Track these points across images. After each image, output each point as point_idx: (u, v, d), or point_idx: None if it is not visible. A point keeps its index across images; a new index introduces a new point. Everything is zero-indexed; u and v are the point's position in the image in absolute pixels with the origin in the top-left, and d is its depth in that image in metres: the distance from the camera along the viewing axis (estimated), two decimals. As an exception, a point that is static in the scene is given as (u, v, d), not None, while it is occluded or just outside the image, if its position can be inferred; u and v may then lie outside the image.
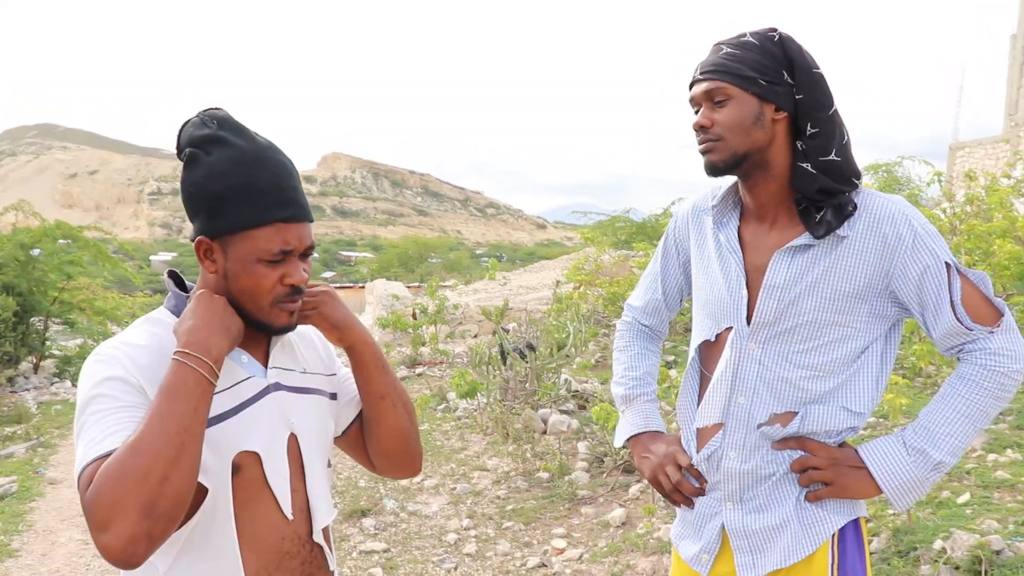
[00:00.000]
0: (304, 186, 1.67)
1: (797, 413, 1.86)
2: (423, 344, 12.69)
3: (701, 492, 2.01)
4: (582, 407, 7.83)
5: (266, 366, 1.66)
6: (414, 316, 13.92)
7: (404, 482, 6.67)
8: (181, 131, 1.60)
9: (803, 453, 1.87)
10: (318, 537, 1.68)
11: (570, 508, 5.72)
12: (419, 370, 11.62)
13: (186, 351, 1.45)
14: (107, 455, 1.37)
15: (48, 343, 14.92)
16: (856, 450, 1.87)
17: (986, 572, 3.52)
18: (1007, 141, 24.44)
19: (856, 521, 1.90)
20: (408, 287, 21.82)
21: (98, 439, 1.40)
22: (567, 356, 8.48)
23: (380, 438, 1.79)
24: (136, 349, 1.52)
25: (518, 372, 7.99)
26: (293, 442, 1.65)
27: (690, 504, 2.03)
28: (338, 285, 37.04)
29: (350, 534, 5.68)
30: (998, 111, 26.73)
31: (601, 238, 16.71)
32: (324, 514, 1.70)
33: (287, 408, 1.66)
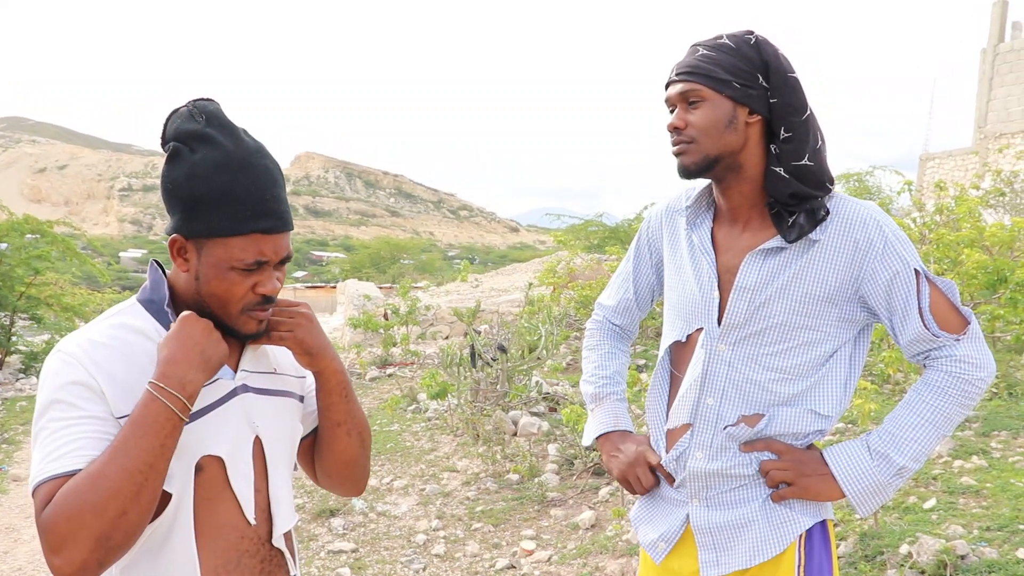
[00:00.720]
0: None
1: (764, 415, 1.87)
2: (394, 345, 12.64)
3: (671, 483, 2.02)
4: (553, 409, 7.83)
5: (236, 368, 1.64)
6: (385, 317, 13.87)
7: (374, 482, 6.64)
8: (168, 121, 1.56)
9: (770, 454, 1.88)
10: (278, 542, 1.65)
11: (540, 510, 5.72)
12: (390, 371, 11.57)
13: (160, 384, 1.43)
14: (64, 475, 1.36)
15: (14, 339, 14.71)
16: (821, 453, 1.88)
17: (950, 576, 3.56)
18: (976, 153, 24.77)
19: (823, 523, 1.91)
20: (380, 288, 21.73)
21: (55, 454, 1.38)
22: (538, 358, 8.48)
23: (328, 462, 1.79)
24: (97, 347, 1.49)
25: (489, 374, 7.98)
26: (258, 445, 1.63)
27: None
28: (309, 285, 36.84)
29: (318, 534, 5.64)
30: (968, 125, 27.08)
31: (574, 241, 16.73)
32: (285, 518, 1.68)
33: (252, 410, 1.63)
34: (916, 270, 1.80)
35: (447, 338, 13.92)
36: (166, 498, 1.49)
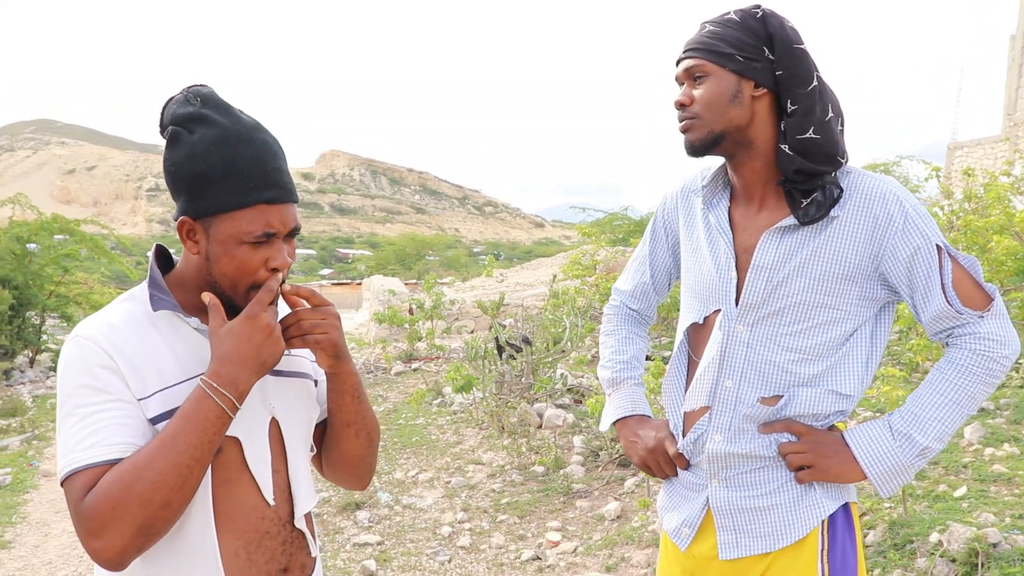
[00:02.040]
0: (302, 183, 1.63)
1: (783, 396, 1.84)
2: (419, 339, 12.66)
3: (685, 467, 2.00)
4: (578, 401, 7.81)
5: None
6: (411, 312, 13.89)
7: (399, 475, 6.66)
8: (164, 108, 1.57)
9: (790, 436, 1.85)
10: (300, 523, 1.66)
11: (565, 501, 5.70)
12: (415, 365, 11.60)
13: (212, 383, 1.44)
14: (98, 465, 1.39)
15: (44, 337, 14.89)
16: (842, 434, 1.85)
17: (982, 564, 3.50)
18: (1007, 140, 24.44)
19: (847, 506, 1.88)
20: (405, 284, 21.80)
21: (86, 442, 1.40)
22: (563, 351, 8.45)
23: (335, 458, 1.79)
24: (115, 330, 1.50)
25: (514, 367, 7.97)
26: (275, 426, 1.63)
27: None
28: (335, 282, 37.01)
29: (344, 527, 5.65)
30: (996, 114, 26.74)
31: (599, 235, 16.68)
32: (306, 499, 1.68)
33: (268, 392, 1.63)
34: (938, 245, 1.75)
35: (472, 332, 13.92)
36: None
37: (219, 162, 1.48)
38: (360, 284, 25.67)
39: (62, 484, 1.42)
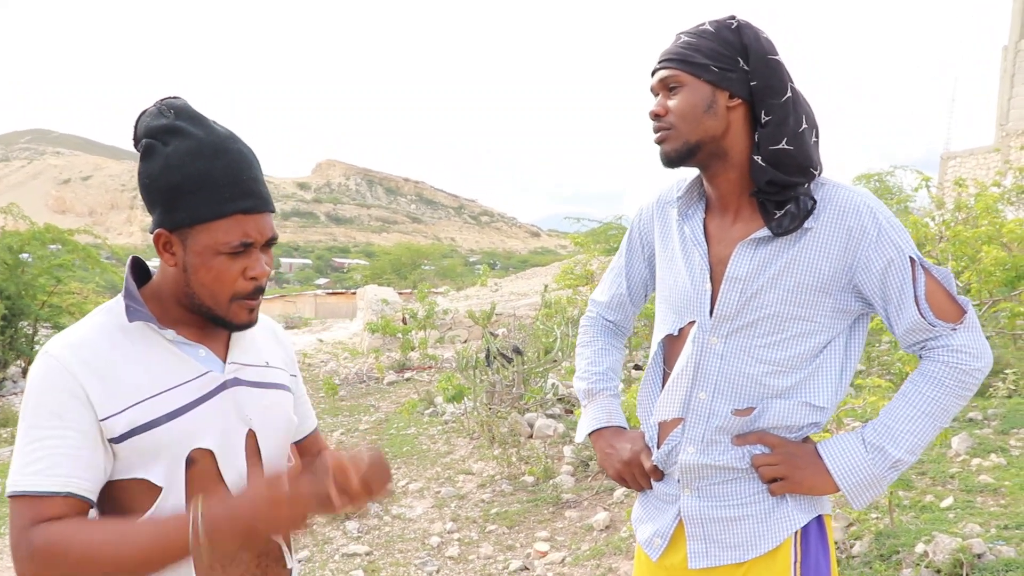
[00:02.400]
0: (298, 193, 1.63)
1: (756, 408, 1.85)
2: (412, 349, 12.67)
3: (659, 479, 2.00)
4: (569, 411, 7.82)
5: (225, 360, 1.63)
6: (404, 321, 13.90)
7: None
8: (138, 121, 1.56)
9: (763, 448, 1.85)
10: (275, 535, 1.65)
11: (554, 512, 5.70)
12: (407, 375, 11.60)
13: (200, 525, 1.40)
14: (39, 495, 1.41)
15: (37, 347, 14.87)
16: (815, 446, 1.85)
17: (967, 575, 3.51)
18: (998, 151, 24.50)
19: (820, 518, 1.88)
20: (400, 293, 21.79)
21: (30, 467, 1.42)
22: (554, 360, 8.46)
23: None
24: (84, 347, 1.49)
25: (505, 376, 7.97)
26: (251, 438, 1.63)
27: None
28: (331, 292, 37.00)
29: (333, 537, 5.65)
30: (990, 123, 26.82)
31: (592, 244, 16.69)
32: None
33: (245, 404, 1.62)
34: (911, 258, 1.76)
35: (465, 342, 13.92)
36: (154, 492, 1.49)
37: (194, 173, 1.48)
38: (355, 294, 25.68)
39: (8, 499, 1.44)
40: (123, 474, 1.50)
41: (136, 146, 1.55)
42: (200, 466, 1.53)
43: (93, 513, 1.50)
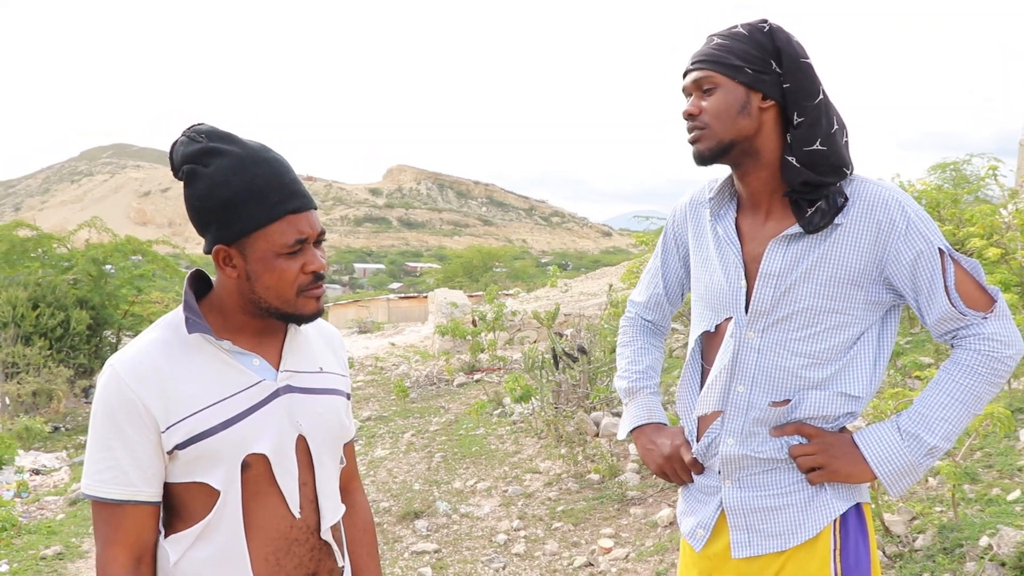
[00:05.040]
0: (370, 198, 1.74)
1: (793, 399, 1.89)
2: (481, 351, 12.78)
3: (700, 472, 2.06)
4: (635, 410, 7.81)
5: (278, 368, 1.72)
6: (473, 323, 14.03)
7: (458, 485, 6.77)
8: (172, 152, 1.67)
9: (801, 438, 1.90)
10: (326, 535, 1.74)
11: (619, 509, 5.75)
12: (477, 376, 11.72)
13: None
14: (108, 502, 1.58)
15: (119, 356, 15.35)
16: (852, 435, 1.89)
17: (1032, 568, 3.47)
18: (1082, 135, 23.65)
19: (858, 506, 1.92)
20: (471, 296, 21.96)
21: (100, 474, 1.59)
22: (620, 360, 8.47)
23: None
24: (143, 362, 1.61)
25: (571, 376, 8.03)
26: (302, 443, 1.72)
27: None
28: (403, 296, 37.40)
29: (403, 535, 5.78)
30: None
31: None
32: (332, 512, 1.77)
33: (296, 410, 1.71)
34: (940, 249, 1.80)
35: (534, 343, 14.00)
36: (214, 495, 1.61)
37: (240, 185, 1.58)
38: (426, 298, 25.95)
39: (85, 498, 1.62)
40: (183, 477, 1.62)
41: (177, 175, 1.65)
42: (255, 470, 1.64)
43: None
